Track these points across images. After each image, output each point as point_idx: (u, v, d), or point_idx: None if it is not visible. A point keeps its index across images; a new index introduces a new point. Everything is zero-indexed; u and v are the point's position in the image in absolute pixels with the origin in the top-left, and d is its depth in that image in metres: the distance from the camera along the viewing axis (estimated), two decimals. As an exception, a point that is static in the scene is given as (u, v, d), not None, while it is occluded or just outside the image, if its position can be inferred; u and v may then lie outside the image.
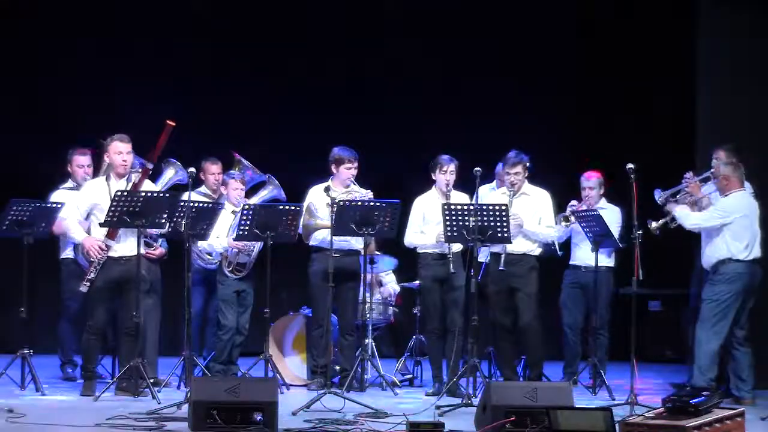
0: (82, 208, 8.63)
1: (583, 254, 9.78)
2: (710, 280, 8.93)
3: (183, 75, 12.04)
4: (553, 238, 9.36)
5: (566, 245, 9.93)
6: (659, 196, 9.24)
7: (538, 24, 12.59)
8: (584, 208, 9.68)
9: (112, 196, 8.43)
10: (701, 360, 8.76)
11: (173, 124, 8.69)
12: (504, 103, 12.32)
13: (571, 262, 9.96)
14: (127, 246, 8.56)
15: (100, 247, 8.47)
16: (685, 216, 9.01)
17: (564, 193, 9.87)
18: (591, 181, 9.85)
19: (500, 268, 9.06)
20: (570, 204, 9.74)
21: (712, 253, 8.93)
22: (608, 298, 9.84)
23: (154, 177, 9.17)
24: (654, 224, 9.13)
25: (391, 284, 10.55)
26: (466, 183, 9.21)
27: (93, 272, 8.49)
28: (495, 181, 9.85)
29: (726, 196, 8.96)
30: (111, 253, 8.53)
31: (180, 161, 9.41)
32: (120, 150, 8.61)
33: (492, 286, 9.18)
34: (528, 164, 9.20)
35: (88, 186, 8.87)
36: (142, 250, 8.54)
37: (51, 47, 11.87)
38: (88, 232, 8.63)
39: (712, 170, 9.14)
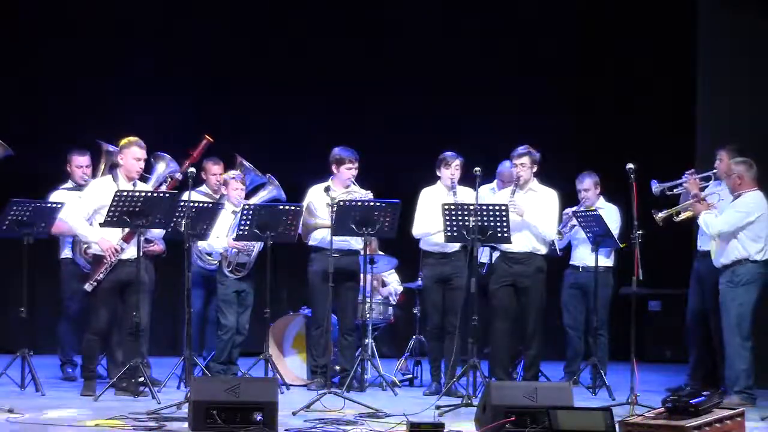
0: (90, 207, 8.53)
1: (582, 254, 9.76)
2: (727, 283, 8.76)
3: (183, 75, 12.04)
4: (553, 236, 9.30)
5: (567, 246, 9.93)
6: (656, 187, 9.22)
7: (539, 23, 12.60)
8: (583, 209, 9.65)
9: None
10: (732, 372, 8.67)
11: (211, 139, 8.68)
12: (504, 104, 12.32)
13: (570, 263, 9.95)
14: (133, 248, 8.54)
15: (116, 249, 8.45)
16: (711, 224, 8.76)
17: (563, 193, 9.85)
18: (584, 182, 9.82)
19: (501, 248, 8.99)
20: (564, 212, 9.60)
21: (727, 253, 8.76)
22: (607, 298, 9.79)
23: (146, 171, 9.18)
24: (659, 214, 9.08)
25: (394, 284, 10.56)
26: (465, 183, 9.20)
27: (102, 273, 8.45)
28: (496, 181, 9.83)
29: (738, 195, 8.77)
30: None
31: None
32: (138, 156, 8.58)
33: (495, 284, 9.16)
34: (537, 160, 9.15)
35: (96, 186, 8.76)
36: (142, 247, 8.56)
37: (51, 47, 11.87)
38: None
39: (714, 170, 9.12)
